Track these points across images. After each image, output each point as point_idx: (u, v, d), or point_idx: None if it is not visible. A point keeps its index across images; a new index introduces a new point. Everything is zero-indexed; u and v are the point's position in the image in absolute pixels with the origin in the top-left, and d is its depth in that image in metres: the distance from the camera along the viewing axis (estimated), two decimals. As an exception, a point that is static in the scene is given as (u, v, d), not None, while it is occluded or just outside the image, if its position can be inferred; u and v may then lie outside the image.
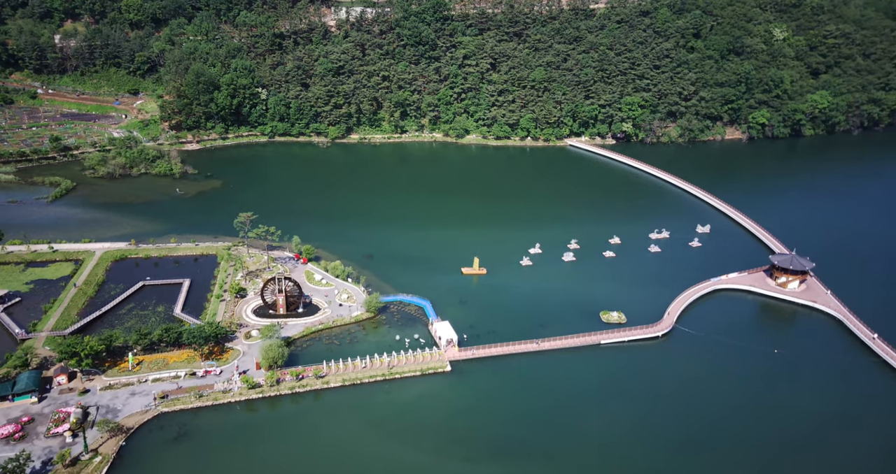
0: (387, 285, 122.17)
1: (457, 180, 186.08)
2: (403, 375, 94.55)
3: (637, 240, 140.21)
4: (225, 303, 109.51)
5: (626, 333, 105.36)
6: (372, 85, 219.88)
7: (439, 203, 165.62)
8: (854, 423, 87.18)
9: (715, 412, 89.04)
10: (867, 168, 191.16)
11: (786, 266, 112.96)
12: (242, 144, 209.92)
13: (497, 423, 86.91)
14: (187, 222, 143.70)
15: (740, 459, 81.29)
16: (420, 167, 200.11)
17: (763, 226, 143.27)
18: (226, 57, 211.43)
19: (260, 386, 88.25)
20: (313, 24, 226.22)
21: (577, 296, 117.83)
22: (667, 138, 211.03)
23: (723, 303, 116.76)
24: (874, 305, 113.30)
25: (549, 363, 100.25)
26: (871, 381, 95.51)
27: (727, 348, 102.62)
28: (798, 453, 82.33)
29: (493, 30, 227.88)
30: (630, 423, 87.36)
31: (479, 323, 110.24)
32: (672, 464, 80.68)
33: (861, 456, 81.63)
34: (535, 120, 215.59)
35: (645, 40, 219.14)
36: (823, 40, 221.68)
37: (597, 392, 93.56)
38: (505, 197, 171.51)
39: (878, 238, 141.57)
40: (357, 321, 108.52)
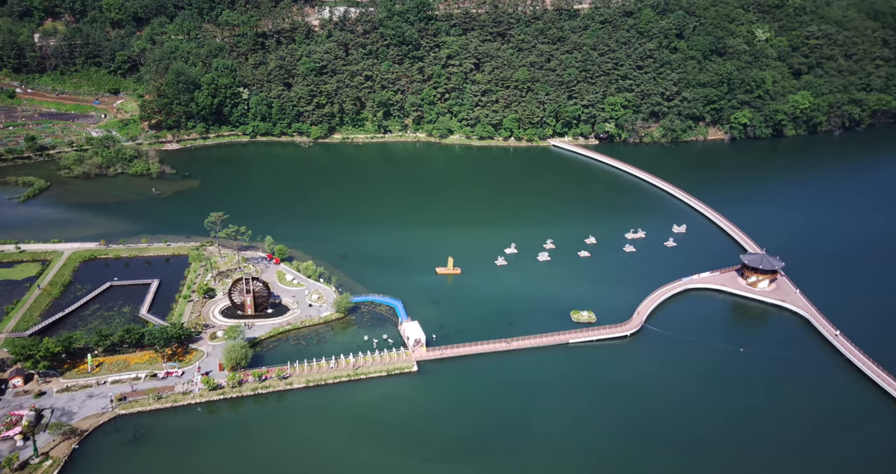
0: (359, 285, 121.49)
1: (438, 180, 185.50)
2: (369, 376, 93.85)
3: (613, 239, 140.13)
4: (192, 303, 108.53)
5: (594, 332, 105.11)
6: (355, 85, 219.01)
7: (419, 203, 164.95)
8: (813, 421, 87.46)
9: (677, 410, 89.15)
10: (845, 168, 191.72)
11: (755, 265, 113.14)
12: (223, 144, 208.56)
13: (461, 423, 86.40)
14: (161, 222, 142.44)
15: (701, 457, 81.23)
16: (402, 167, 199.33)
17: (738, 225, 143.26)
18: (207, 56, 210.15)
19: (221, 387, 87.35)
20: (296, 23, 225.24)
21: (549, 296, 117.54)
22: (649, 138, 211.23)
23: (693, 302, 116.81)
24: (843, 304, 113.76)
25: (516, 363, 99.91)
26: (832, 379, 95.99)
27: (694, 347, 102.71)
28: (755, 451, 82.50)
29: (477, 30, 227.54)
30: (593, 422, 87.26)
31: (450, 322, 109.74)
32: (635, 463, 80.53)
33: (817, 452, 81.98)
34: (518, 120, 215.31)
35: (628, 41, 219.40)
36: (805, 41, 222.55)
37: (563, 391, 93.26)
38: (485, 197, 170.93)
39: (852, 237, 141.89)
40: (326, 321, 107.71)
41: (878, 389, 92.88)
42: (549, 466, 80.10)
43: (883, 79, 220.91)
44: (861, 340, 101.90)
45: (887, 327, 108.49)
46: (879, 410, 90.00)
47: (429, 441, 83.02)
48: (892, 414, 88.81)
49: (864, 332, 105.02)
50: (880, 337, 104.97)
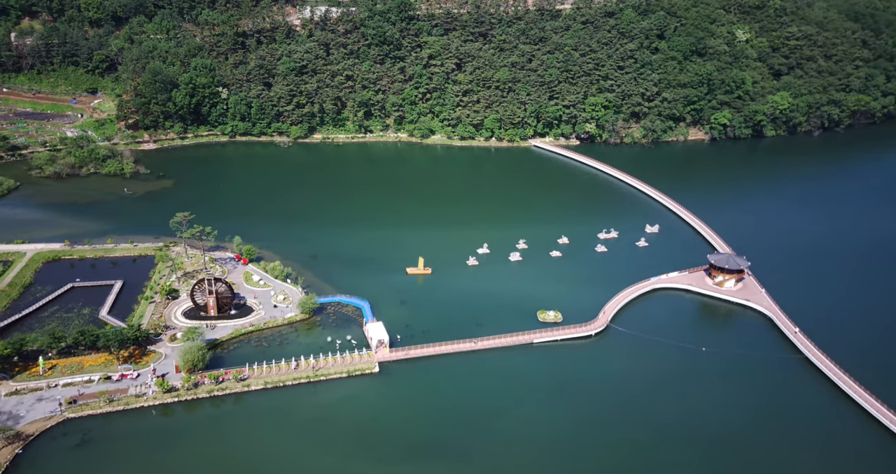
0: (328, 286, 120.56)
1: (416, 181, 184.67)
2: (329, 377, 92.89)
3: (586, 240, 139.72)
4: (154, 304, 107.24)
5: (558, 332, 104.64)
6: (335, 84, 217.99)
7: (395, 203, 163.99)
8: (767, 418, 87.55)
9: (635, 409, 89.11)
10: (822, 170, 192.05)
11: (722, 265, 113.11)
12: (202, 144, 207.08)
13: (418, 424, 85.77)
14: (131, 223, 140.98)
15: (656, 455, 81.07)
16: (381, 167, 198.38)
17: (711, 226, 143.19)
18: (186, 56, 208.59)
19: (176, 389, 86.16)
20: (277, 23, 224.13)
21: (517, 296, 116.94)
22: (630, 139, 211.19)
23: (660, 301, 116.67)
24: (807, 303, 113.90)
25: (480, 363, 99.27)
26: (789, 377, 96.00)
27: (657, 346, 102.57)
28: (711, 447, 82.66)
29: (459, 30, 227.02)
30: (552, 421, 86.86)
31: (416, 323, 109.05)
32: (593, 462, 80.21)
33: (774, 449, 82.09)
34: (499, 120, 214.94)
35: (609, 41, 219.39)
36: (786, 42, 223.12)
37: (524, 391, 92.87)
38: (462, 197, 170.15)
39: (824, 238, 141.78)
40: (290, 322, 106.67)
41: (833, 386, 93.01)
42: (504, 466, 79.58)
43: (862, 79, 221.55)
44: (821, 338, 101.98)
45: (847, 326, 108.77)
46: (832, 407, 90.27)
47: (381, 442, 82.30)
48: (843, 410, 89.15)
49: (824, 331, 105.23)
50: (840, 335, 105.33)
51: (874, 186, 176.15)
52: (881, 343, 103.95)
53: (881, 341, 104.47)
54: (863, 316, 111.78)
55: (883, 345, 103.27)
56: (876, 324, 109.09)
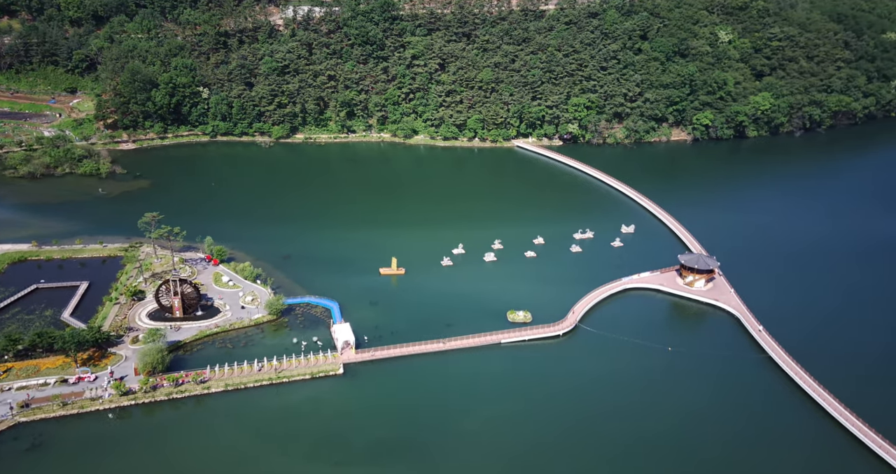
0: (299, 287, 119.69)
1: (397, 181, 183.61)
2: (292, 379, 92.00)
3: (561, 240, 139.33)
4: (119, 306, 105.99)
5: (526, 332, 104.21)
6: (318, 84, 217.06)
7: (374, 203, 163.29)
8: (728, 416, 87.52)
9: (598, 408, 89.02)
10: (801, 170, 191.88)
11: (692, 265, 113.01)
12: (182, 144, 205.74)
13: (380, 426, 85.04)
14: (104, 223, 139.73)
15: (619, 454, 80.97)
16: (361, 167, 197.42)
17: (686, 226, 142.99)
18: (166, 55, 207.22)
19: (133, 392, 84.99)
20: (259, 22, 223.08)
21: (489, 296, 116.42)
22: (613, 139, 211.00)
23: (631, 301, 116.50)
24: (776, 303, 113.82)
25: (447, 364, 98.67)
26: (752, 376, 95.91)
27: (624, 346, 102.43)
28: (672, 445, 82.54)
29: (442, 30, 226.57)
30: (516, 422, 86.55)
31: (386, 324, 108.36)
32: (553, 460, 79.73)
33: (730, 447, 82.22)
34: (482, 121, 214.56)
35: (593, 42, 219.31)
36: (768, 43, 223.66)
37: (489, 392, 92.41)
38: (441, 198, 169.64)
39: (799, 238, 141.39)
40: (257, 324, 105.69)
41: (794, 385, 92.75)
42: (466, 466, 79.03)
43: (843, 80, 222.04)
44: (785, 338, 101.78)
45: (813, 325, 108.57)
46: (790, 405, 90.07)
47: (342, 444, 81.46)
48: (803, 409, 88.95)
49: (789, 330, 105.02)
50: (805, 334, 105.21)
51: (852, 187, 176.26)
52: (843, 342, 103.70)
53: (844, 340, 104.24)
54: (829, 315, 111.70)
55: (844, 345, 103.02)
56: (841, 323, 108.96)
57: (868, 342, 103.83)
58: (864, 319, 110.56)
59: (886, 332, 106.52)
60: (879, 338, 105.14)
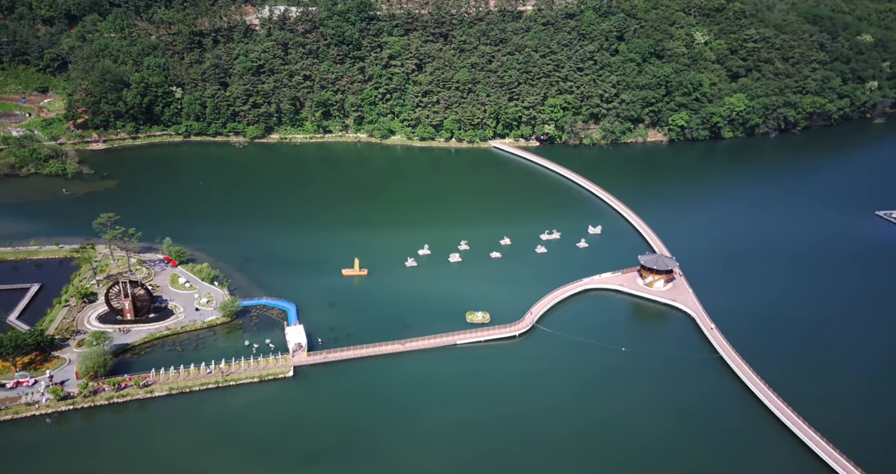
0: (258, 288, 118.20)
1: (370, 181, 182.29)
2: (239, 382, 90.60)
3: (528, 241, 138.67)
4: (69, 308, 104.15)
5: (482, 333, 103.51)
6: (293, 84, 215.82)
7: (342, 204, 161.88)
8: (676, 415, 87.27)
9: (547, 409, 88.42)
10: (773, 171, 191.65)
11: (651, 266, 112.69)
12: (155, 144, 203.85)
13: (324, 429, 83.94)
14: (64, 224, 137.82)
15: (567, 453, 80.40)
16: (336, 168, 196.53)
17: (653, 227, 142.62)
18: (139, 54, 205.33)
19: (72, 397, 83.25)
20: (235, 22, 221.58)
21: (450, 297, 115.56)
22: (589, 140, 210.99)
23: (590, 302, 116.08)
24: (733, 304, 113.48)
25: (400, 366, 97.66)
26: (702, 376, 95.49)
27: (579, 346, 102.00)
28: (619, 445, 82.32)
29: (420, 30, 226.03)
30: (464, 423, 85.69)
31: (343, 325, 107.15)
32: (498, 464, 79.00)
33: (678, 446, 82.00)
34: (458, 121, 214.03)
35: (569, 43, 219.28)
36: (744, 44, 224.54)
37: (440, 393, 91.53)
38: (413, 198, 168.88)
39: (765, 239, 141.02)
40: (210, 326, 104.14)
41: (742, 384, 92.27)
42: (408, 469, 78.03)
43: (818, 82, 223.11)
44: (738, 338, 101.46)
45: (767, 326, 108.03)
46: (738, 405, 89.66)
47: (283, 448, 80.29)
48: (748, 407, 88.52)
49: (743, 331, 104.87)
50: (758, 335, 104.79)
51: (823, 188, 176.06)
52: (794, 344, 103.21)
53: (795, 340, 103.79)
54: (784, 315, 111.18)
55: (795, 346, 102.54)
56: (794, 325, 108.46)
57: (818, 342, 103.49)
58: (819, 319, 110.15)
59: (838, 332, 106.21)
60: (830, 337, 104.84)
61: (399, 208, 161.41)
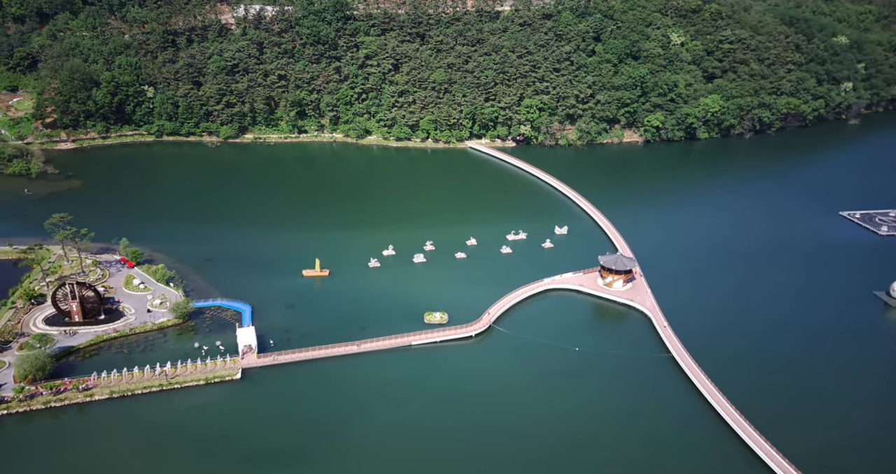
0: (215, 289, 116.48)
1: (340, 182, 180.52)
2: (184, 385, 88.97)
3: (494, 241, 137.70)
4: (15, 310, 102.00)
5: (438, 334, 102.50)
6: (268, 84, 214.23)
7: (310, 204, 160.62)
8: (626, 414, 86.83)
9: (498, 410, 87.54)
10: (745, 171, 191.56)
11: (610, 266, 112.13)
12: (126, 144, 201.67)
13: (267, 432, 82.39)
14: (22, 224, 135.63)
15: (512, 455, 79.63)
16: (308, 168, 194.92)
17: (619, 227, 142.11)
18: (111, 53, 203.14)
19: (6, 401, 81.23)
20: (210, 21, 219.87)
21: (410, 298, 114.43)
22: (565, 141, 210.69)
23: (550, 302, 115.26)
24: (690, 304, 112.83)
25: (352, 368, 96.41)
26: (653, 375, 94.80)
27: (534, 346, 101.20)
28: (568, 445, 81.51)
29: (396, 30, 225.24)
30: (412, 425, 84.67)
31: (297, 327, 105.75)
32: (441, 465, 77.99)
33: (625, 446, 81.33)
34: (434, 121, 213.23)
35: (546, 43, 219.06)
36: (719, 45, 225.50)
37: (391, 395, 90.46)
38: (382, 198, 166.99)
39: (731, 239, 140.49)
40: (161, 328, 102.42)
41: (691, 385, 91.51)
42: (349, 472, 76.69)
43: (793, 83, 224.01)
44: (690, 337, 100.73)
45: (720, 325, 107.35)
46: (684, 403, 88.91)
47: (221, 452, 78.82)
48: (694, 407, 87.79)
49: (697, 330, 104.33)
50: (712, 335, 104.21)
51: (794, 189, 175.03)
52: (745, 343, 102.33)
53: (746, 341, 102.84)
54: (737, 316, 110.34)
55: (745, 346, 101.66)
56: (747, 325, 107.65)
57: (767, 342, 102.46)
58: (770, 319, 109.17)
59: (787, 333, 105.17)
60: (779, 337, 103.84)
61: (368, 209, 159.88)
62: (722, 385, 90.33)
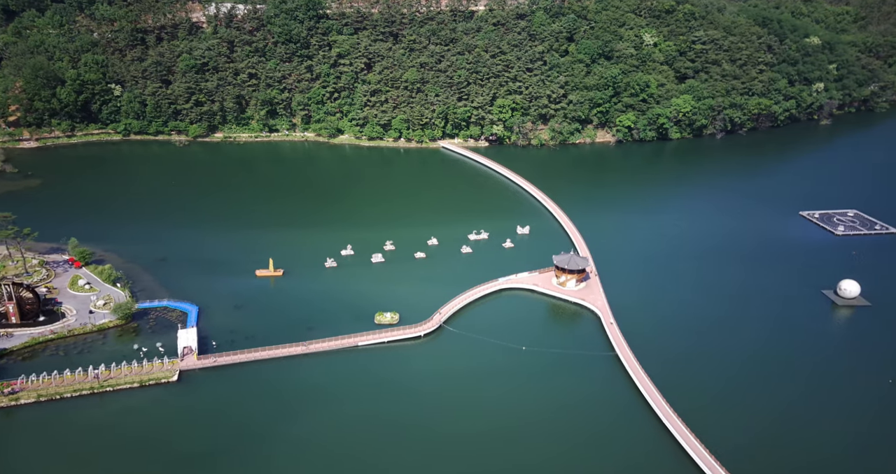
0: (165, 289, 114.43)
1: (307, 181, 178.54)
2: (117, 388, 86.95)
3: (456, 241, 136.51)
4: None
5: (386, 334, 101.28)
6: (238, 82, 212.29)
7: (272, 203, 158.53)
8: (563, 413, 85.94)
9: (438, 409, 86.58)
10: (714, 171, 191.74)
11: (563, 265, 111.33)
12: (92, 143, 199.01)
13: (198, 435, 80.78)
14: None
15: (444, 454, 78.66)
16: (277, 167, 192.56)
17: (582, 227, 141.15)
18: (77, 51, 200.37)
19: (-74, 404, 79.04)
20: (179, 19, 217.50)
21: (363, 298, 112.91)
22: (538, 141, 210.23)
23: (504, 302, 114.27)
24: (642, 303, 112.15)
25: (296, 368, 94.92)
26: (597, 374, 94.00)
27: (483, 346, 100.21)
28: (509, 444, 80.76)
29: (369, 29, 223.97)
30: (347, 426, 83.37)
31: (244, 328, 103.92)
32: (376, 466, 76.78)
33: (555, 443, 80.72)
34: (407, 121, 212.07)
35: (519, 43, 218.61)
36: (692, 46, 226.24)
37: (331, 396, 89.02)
38: (347, 198, 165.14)
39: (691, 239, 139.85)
40: (101, 329, 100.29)
41: (632, 384, 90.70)
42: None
43: (765, 83, 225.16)
44: (635, 336, 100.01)
45: (667, 325, 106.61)
46: (622, 401, 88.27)
47: (148, 456, 77.03)
48: (631, 405, 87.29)
49: (644, 329, 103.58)
50: (656, 333, 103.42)
51: (758, 189, 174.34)
52: (689, 342, 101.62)
53: (691, 340, 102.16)
54: (685, 315, 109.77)
55: (689, 344, 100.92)
56: (694, 323, 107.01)
57: (711, 341, 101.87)
58: (718, 318, 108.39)
59: (732, 331, 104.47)
60: (723, 337, 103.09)
61: (332, 208, 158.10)
62: (660, 382, 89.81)
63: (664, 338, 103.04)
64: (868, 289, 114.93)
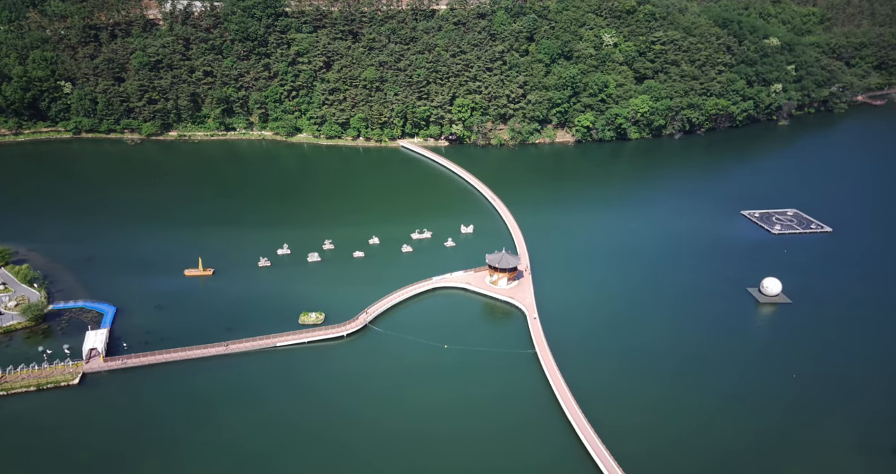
0: (85, 290, 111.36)
1: (255, 180, 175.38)
2: (11, 392, 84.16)
3: (397, 240, 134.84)
4: None
5: (307, 334, 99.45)
6: (193, 80, 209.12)
7: (213, 202, 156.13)
8: (476, 410, 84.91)
9: (346, 408, 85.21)
10: (664, 172, 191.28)
11: (495, 264, 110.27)
12: (40, 141, 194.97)
13: (95, 441, 78.20)
14: None
15: (355, 452, 77.23)
16: (230, 166, 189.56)
17: (524, 226, 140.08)
18: (25, 48, 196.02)
19: None
20: (134, 16, 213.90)
21: (291, 298, 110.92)
22: (497, 141, 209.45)
23: (435, 301, 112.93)
24: (570, 302, 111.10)
25: (210, 370, 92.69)
26: (515, 372, 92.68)
27: (405, 345, 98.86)
28: (426, 443, 79.56)
29: (329, 28, 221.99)
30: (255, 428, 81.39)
31: (160, 329, 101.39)
32: (285, 463, 75.06)
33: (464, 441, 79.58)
34: (365, 120, 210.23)
35: (479, 43, 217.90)
36: (652, 46, 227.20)
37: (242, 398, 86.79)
38: (294, 197, 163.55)
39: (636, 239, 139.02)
40: (8, 331, 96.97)
41: (544, 379, 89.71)
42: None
43: (723, 84, 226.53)
44: (557, 335, 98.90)
45: (594, 324, 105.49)
46: (534, 399, 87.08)
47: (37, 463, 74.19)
48: (543, 403, 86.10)
49: (568, 328, 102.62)
50: (580, 332, 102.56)
51: (706, 188, 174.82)
52: (607, 341, 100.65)
53: (609, 339, 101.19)
54: (610, 314, 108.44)
55: (607, 343, 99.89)
56: (616, 322, 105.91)
57: (631, 340, 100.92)
58: (642, 316, 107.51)
59: (651, 330, 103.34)
60: (642, 333, 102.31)
61: (276, 207, 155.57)
62: (574, 379, 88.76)
63: (586, 335, 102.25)
64: (790, 287, 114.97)
